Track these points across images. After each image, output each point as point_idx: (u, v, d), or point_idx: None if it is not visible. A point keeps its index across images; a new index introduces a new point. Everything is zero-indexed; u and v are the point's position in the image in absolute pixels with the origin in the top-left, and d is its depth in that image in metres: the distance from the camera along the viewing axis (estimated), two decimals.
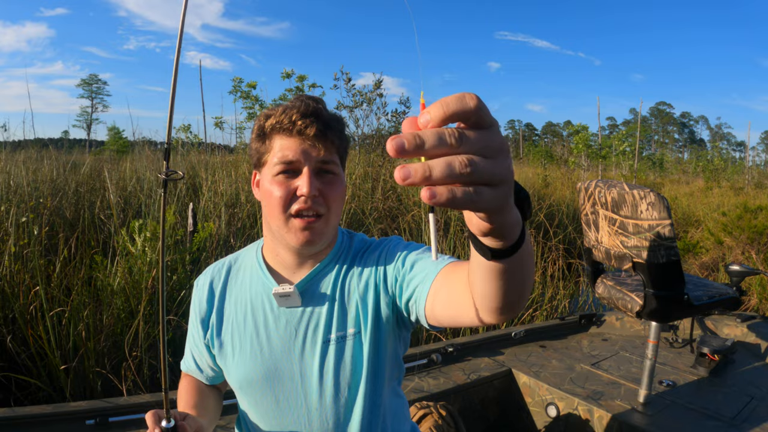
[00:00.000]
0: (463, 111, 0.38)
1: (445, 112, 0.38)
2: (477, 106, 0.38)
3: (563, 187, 10.16)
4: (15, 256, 3.15)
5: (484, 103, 0.39)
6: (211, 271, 1.19)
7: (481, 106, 0.39)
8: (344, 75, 7.20)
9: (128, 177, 6.10)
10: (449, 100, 0.38)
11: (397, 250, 1.06)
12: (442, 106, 0.38)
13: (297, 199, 0.98)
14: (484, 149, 0.39)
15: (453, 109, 0.38)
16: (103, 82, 60.87)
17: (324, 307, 1.05)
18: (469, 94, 0.39)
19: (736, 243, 6.18)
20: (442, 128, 0.38)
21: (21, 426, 1.69)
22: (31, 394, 2.63)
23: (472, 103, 0.38)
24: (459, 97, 0.39)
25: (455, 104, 0.38)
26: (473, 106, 0.38)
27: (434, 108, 0.38)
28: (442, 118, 0.38)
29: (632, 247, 2.07)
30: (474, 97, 0.39)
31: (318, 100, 1.03)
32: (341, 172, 1.05)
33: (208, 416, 1.14)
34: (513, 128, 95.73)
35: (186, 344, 1.22)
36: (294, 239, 1.00)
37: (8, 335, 2.67)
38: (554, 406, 2.28)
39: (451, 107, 0.38)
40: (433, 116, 0.38)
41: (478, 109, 0.38)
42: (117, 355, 2.81)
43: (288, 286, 1.04)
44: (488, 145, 0.40)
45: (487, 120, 0.40)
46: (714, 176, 20.22)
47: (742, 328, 2.96)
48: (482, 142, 0.39)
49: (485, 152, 0.39)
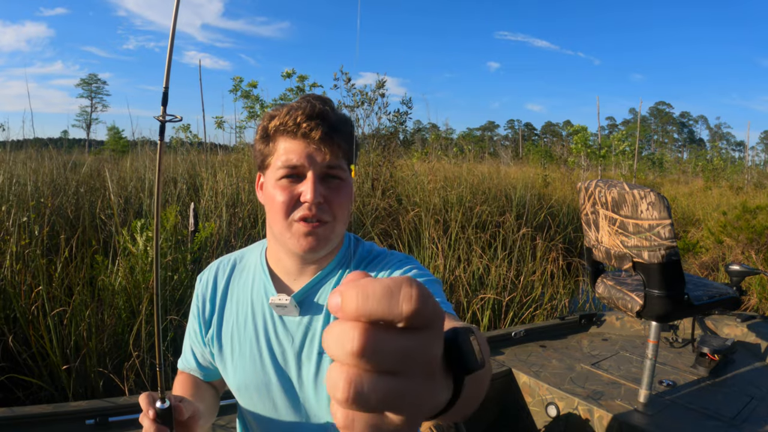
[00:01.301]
0: (389, 315, 0.29)
1: (362, 310, 0.29)
2: (414, 312, 0.29)
3: (563, 187, 10.16)
4: (16, 256, 3.15)
5: (427, 298, 0.30)
6: (216, 268, 1.16)
7: (418, 310, 0.29)
8: (344, 75, 7.21)
9: (129, 177, 6.10)
10: (373, 293, 0.29)
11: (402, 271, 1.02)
12: (362, 298, 0.29)
13: (300, 206, 0.95)
14: (389, 364, 0.29)
15: (372, 310, 0.29)
16: (102, 81, 60.96)
17: (321, 317, 1.03)
18: (407, 287, 0.29)
19: (735, 243, 6.19)
20: (344, 329, 0.29)
21: (21, 426, 1.68)
22: (32, 394, 2.63)
23: (405, 308, 0.29)
24: (389, 292, 0.29)
25: (379, 304, 0.29)
26: (406, 313, 0.29)
27: (350, 296, 0.30)
28: (355, 315, 0.29)
29: (632, 246, 2.07)
30: (412, 298, 0.29)
31: (325, 101, 0.99)
32: (348, 177, 1.00)
33: (206, 410, 1.09)
34: (512, 128, 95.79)
35: (185, 341, 1.19)
36: (297, 245, 0.97)
37: (10, 335, 2.67)
38: (554, 405, 2.28)
39: (371, 306, 0.29)
40: (344, 307, 0.30)
41: (415, 314, 0.29)
42: (119, 354, 2.81)
43: (284, 297, 1.02)
44: (396, 359, 0.29)
45: (420, 322, 0.30)
46: (713, 176, 20.23)
47: (742, 328, 2.96)
48: (388, 354, 0.29)
49: (389, 367, 0.29)
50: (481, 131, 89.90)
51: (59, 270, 3.15)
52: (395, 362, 0.29)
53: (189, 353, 1.18)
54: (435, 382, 0.33)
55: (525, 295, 4.18)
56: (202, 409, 1.02)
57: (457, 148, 15.37)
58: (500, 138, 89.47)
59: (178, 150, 8.38)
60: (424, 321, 0.30)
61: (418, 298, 0.29)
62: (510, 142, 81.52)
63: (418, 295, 0.29)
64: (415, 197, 6.38)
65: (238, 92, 8.52)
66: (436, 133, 17.21)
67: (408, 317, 0.29)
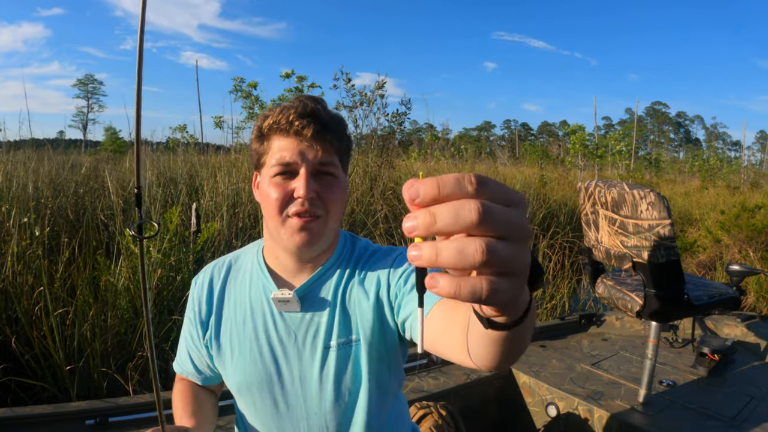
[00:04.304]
0: (459, 195, 0.34)
1: (439, 194, 0.34)
2: (476, 191, 0.34)
3: (560, 187, 10.18)
4: (17, 256, 3.15)
5: (491, 182, 0.35)
6: (211, 270, 1.16)
7: (481, 190, 0.34)
8: (344, 75, 7.21)
9: (127, 177, 6.09)
10: (446, 181, 0.34)
11: (402, 264, 1.03)
12: (437, 186, 0.34)
13: (294, 201, 0.96)
14: (507, 231, 0.35)
15: (448, 193, 0.34)
16: (99, 82, 60.61)
17: (324, 313, 1.04)
18: (469, 175, 0.35)
19: (733, 241, 6.22)
20: (461, 203, 0.34)
21: (21, 426, 1.68)
22: (35, 395, 2.62)
23: (470, 188, 0.34)
24: (457, 178, 0.34)
25: (451, 187, 0.34)
26: (471, 191, 0.34)
27: (427, 186, 0.34)
28: (435, 199, 0.34)
29: (632, 246, 2.07)
30: (473, 180, 0.34)
31: (317, 100, 1.00)
32: (341, 173, 1.02)
33: (206, 423, 1.11)
34: (509, 128, 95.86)
35: (180, 344, 1.19)
36: (291, 241, 0.98)
37: (12, 336, 2.67)
38: (554, 405, 2.28)
39: (447, 190, 0.34)
40: (423, 195, 0.35)
41: (478, 193, 0.34)
42: (122, 355, 2.81)
43: (287, 291, 1.03)
44: (511, 227, 0.35)
45: (505, 199, 0.35)
46: (710, 176, 20.28)
47: (742, 327, 2.97)
48: (505, 222, 0.34)
49: (508, 234, 0.35)
50: (477, 131, 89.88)
51: (61, 270, 3.15)
52: (506, 228, 0.34)
53: (185, 357, 1.18)
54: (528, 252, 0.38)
55: None
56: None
57: (455, 149, 15.39)
58: (497, 138, 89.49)
59: (177, 150, 8.37)
60: (506, 197, 0.35)
61: (479, 180, 0.34)
62: (506, 142, 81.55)
63: (480, 179, 0.35)
64: None
65: (238, 93, 8.52)
66: (432, 133, 17.22)
67: (474, 193, 0.34)
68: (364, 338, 1.02)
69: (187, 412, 1.09)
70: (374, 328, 1.02)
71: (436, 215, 0.34)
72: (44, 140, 8.20)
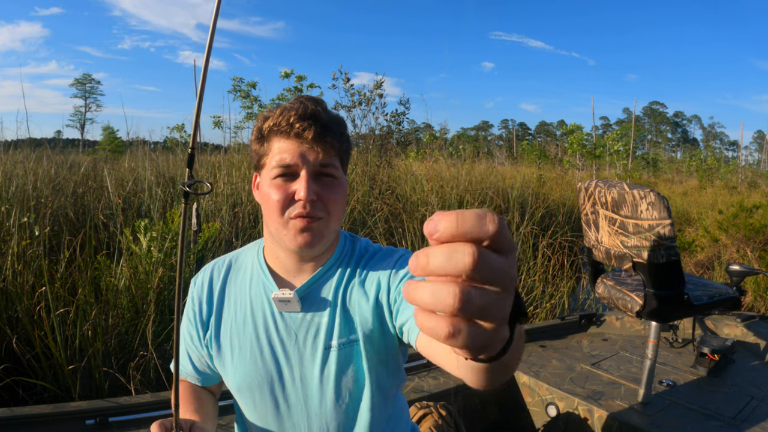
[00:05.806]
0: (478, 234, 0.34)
1: (458, 230, 0.35)
2: (497, 232, 0.35)
3: (558, 187, 10.18)
4: (18, 256, 3.14)
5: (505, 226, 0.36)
6: (210, 270, 1.16)
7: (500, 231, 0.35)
8: (343, 75, 7.21)
9: (127, 177, 6.08)
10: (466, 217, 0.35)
11: (403, 268, 1.03)
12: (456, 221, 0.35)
13: (295, 203, 0.96)
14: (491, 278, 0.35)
15: (466, 230, 0.34)
16: (96, 81, 60.51)
17: (325, 313, 1.04)
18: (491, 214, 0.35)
19: (731, 241, 6.24)
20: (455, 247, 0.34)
21: (21, 426, 1.68)
22: (36, 395, 2.62)
23: (491, 227, 0.34)
24: (479, 216, 0.35)
25: (471, 224, 0.34)
26: (491, 231, 0.34)
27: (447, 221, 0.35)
28: (453, 235, 0.35)
29: (632, 246, 2.07)
30: (494, 219, 0.35)
31: (317, 102, 1.00)
32: (342, 175, 1.03)
33: (209, 421, 1.10)
34: (507, 128, 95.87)
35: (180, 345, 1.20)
36: (293, 242, 0.98)
37: (13, 336, 2.66)
38: (554, 405, 2.28)
39: (466, 226, 0.34)
40: (442, 231, 0.35)
41: (497, 234, 0.35)
42: (124, 355, 2.81)
43: (288, 291, 1.03)
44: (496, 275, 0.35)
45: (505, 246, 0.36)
46: (707, 175, 20.32)
47: (742, 327, 2.97)
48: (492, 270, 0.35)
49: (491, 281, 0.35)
50: (475, 131, 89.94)
51: (62, 270, 3.14)
52: (497, 277, 0.35)
53: (185, 357, 1.17)
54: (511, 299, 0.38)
55: (525, 294, 4.20)
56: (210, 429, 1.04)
57: (452, 148, 15.38)
58: (494, 138, 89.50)
59: (176, 151, 8.35)
60: (507, 244, 0.36)
61: (499, 221, 0.35)
62: (504, 141, 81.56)
63: (499, 219, 0.35)
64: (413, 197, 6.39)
65: (237, 92, 8.51)
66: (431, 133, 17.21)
67: (493, 236, 0.34)
68: (365, 338, 1.02)
69: (190, 410, 1.09)
70: (374, 328, 1.02)
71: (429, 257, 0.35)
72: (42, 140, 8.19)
